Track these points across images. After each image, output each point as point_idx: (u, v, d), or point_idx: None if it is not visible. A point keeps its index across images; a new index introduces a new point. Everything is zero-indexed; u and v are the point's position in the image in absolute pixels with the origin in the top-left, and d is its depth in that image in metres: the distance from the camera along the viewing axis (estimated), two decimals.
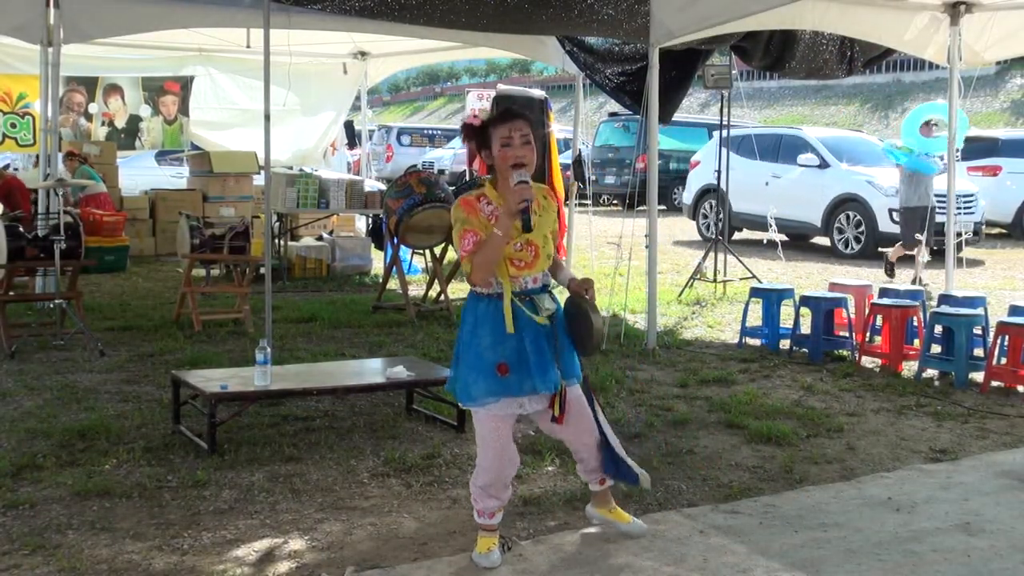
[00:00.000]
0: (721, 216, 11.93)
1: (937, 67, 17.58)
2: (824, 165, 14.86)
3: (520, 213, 3.64)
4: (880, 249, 12.07)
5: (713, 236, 15.82)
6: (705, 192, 16.20)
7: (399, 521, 4.24)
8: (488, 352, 3.69)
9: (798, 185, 15.02)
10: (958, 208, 13.66)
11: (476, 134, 3.75)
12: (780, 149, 15.72)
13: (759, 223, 15.21)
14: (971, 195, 14.19)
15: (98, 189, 12.42)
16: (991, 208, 15.64)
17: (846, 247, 14.36)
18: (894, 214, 12.52)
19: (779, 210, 14.93)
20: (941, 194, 13.64)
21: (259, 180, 13.48)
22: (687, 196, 12.91)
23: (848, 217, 14.39)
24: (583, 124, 15.69)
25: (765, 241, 12.35)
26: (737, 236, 13.20)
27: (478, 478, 3.87)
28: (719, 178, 11.51)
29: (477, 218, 3.66)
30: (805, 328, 8.05)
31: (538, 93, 13.52)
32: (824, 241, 15.19)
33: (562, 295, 3.89)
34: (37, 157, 11.22)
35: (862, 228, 14.12)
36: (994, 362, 6.88)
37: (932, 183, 11.62)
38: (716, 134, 17.14)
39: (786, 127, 18.50)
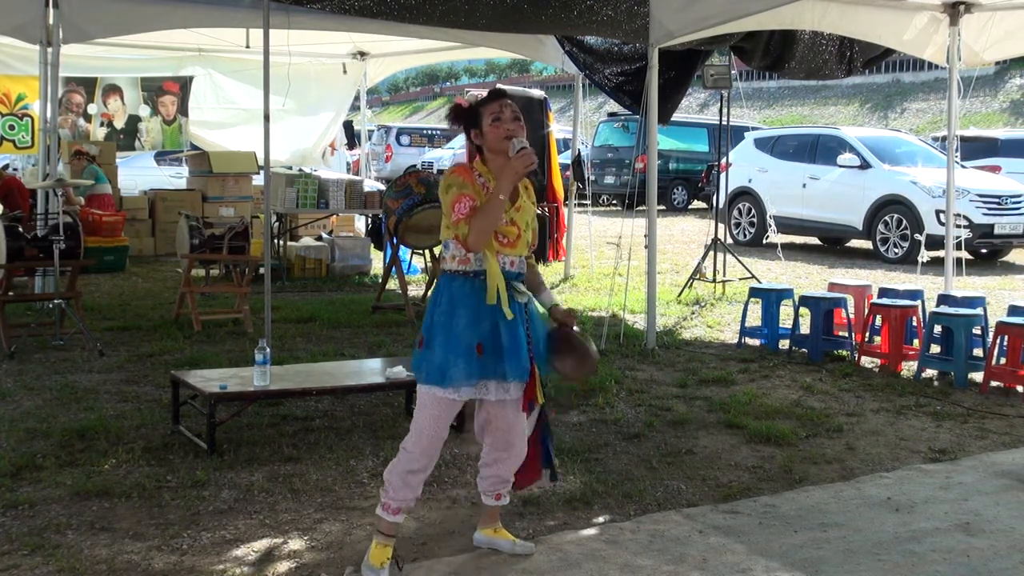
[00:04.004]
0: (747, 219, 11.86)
1: (936, 67, 17.59)
2: (865, 166, 14.43)
3: (531, 176, 3.66)
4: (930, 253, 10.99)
5: (746, 240, 15.85)
6: (738, 194, 15.92)
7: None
8: (465, 333, 3.57)
9: (838, 186, 14.60)
10: (1007, 209, 13.69)
11: (465, 115, 3.73)
12: (817, 149, 15.35)
13: (796, 226, 15.16)
14: (1019, 195, 13.96)
15: (103, 189, 12.42)
16: None
17: (889, 251, 13.86)
18: (941, 216, 12.06)
19: (817, 212, 14.88)
20: (986, 194, 13.69)
21: (258, 180, 13.48)
22: (719, 198, 12.69)
23: (892, 220, 13.87)
24: (582, 124, 15.70)
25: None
26: (774, 239, 12.98)
27: (406, 463, 3.67)
28: (717, 180, 11.47)
29: (473, 185, 3.61)
30: (804, 328, 8.05)
31: (537, 93, 13.56)
32: (862, 244, 14.91)
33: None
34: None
35: (906, 230, 13.58)
36: (993, 362, 6.88)
37: None
38: (748, 135, 17.13)
39: (822, 127, 18.04)
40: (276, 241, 11.43)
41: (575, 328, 3.85)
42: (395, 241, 9.30)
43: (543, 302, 3.88)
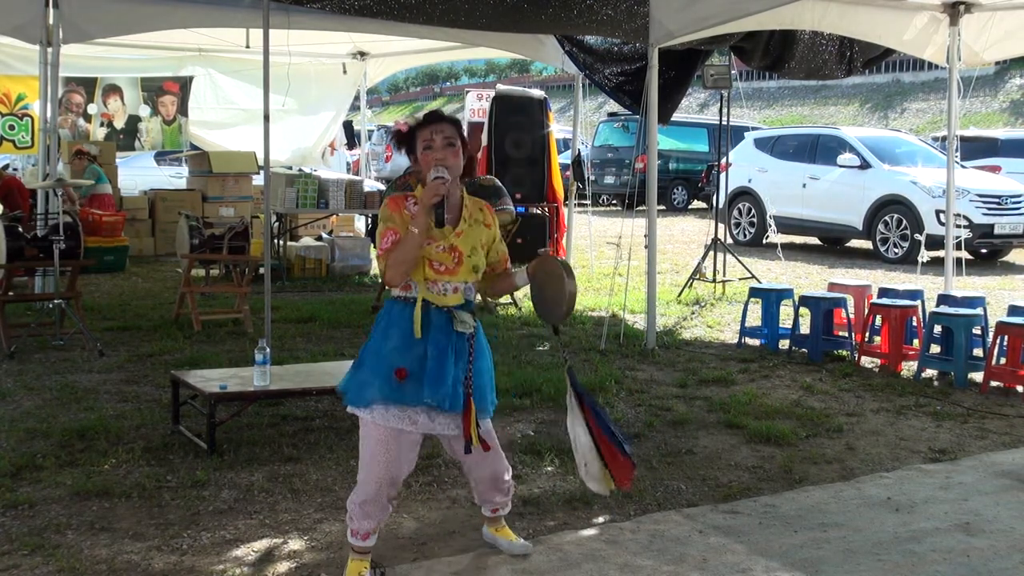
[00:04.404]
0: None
1: (936, 67, 17.59)
2: (865, 166, 14.43)
3: (432, 208, 3.49)
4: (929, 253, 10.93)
5: (746, 240, 15.87)
6: (738, 194, 15.92)
7: (398, 521, 4.24)
8: (391, 355, 3.51)
9: (838, 186, 14.60)
10: (1007, 209, 13.70)
11: (405, 139, 3.64)
12: (817, 149, 15.35)
13: (796, 226, 15.17)
14: (1019, 195, 13.96)
15: (104, 189, 12.42)
16: None
17: (889, 251, 13.85)
18: (941, 216, 11.89)
19: (817, 212, 14.89)
20: (986, 194, 13.70)
21: (258, 180, 13.48)
22: (719, 198, 12.66)
23: (892, 220, 13.85)
24: (582, 124, 15.71)
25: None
26: (774, 239, 12.98)
27: (361, 494, 3.59)
28: (717, 180, 11.47)
29: (400, 216, 3.53)
30: (804, 328, 8.05)
31: (537, 93, 13.56)
32: (862, 244, 14.92)
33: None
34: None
35: (906, 230, 13.56)
36: (993, 362, 6.88)
37: None
38: (748, 135, 17.14)
39: (822, 127, 18.04)
40: (276, 241, 11.43)
41: (559, 260, 3.71)
42: None
43: (519, 281, 3.77)
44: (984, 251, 14.13)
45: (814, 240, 16.00)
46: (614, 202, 22.59)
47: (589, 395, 3.88)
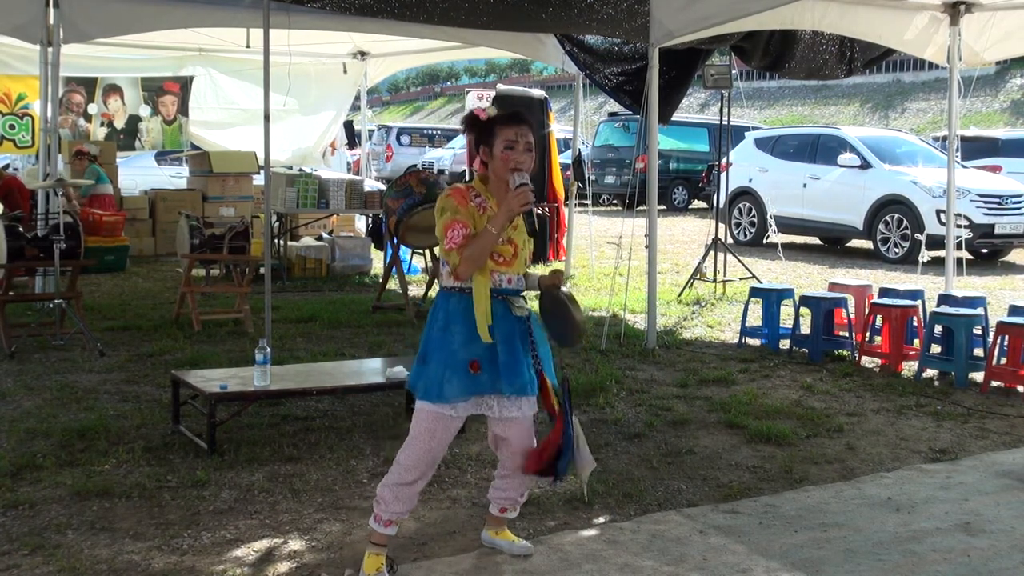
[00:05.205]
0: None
1: (937, 67, 17.61)
2: (866, 166, 14.42)
3: (525, 216, 3.64)
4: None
5: (747, 239, 15.87)
6: (739, 194, 15.92)
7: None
8: (461, 349, 3.57)
9: (838, 186, 14.60)
10: (1007, 209, 13.69)
11: (479, 128, 3.69)
12: (818, 149, 15.35)
13: (797, 226, 15.16)
14: (1019, 195, 13.95)
15: (104, 189, 12.41)
16: None
17: (889, 251, 13.84)
18: (942, 216, 11.87)
19: (818, 212, 14.90)
20: (986, 193, 13.69)
21: (259, 180, 13.48)
22: (719, 198, 12.64)
23: (892, 220, 13.84)
24: (583, 124, 15.71)
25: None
26: (774, 239, 12.96)
27: (396, 476, 3.66)
28: (718, 180, 11.46)
29: (467, 209, 3.59)
30: (805, 328, 8.05)
31: (538, 93, 13.57)
32: (862, 244, 14.92)
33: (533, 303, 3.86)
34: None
35: (906, 230, 13.54)
36: (994, 362, 6.88)
37: None
38: (749, 135, 17.14)
39: (823, 127, 18.04)
40: (276, 241, 11.43)
41: (563, 290, 3.81)
42: (395, 241, 9.30)
43: (530, 285, 3.85)
44: (985, 251, 14.13)
45: (814, 240, 15.99)
46: (614, 202, 22.59)
47: (573, 425, 3.81)
